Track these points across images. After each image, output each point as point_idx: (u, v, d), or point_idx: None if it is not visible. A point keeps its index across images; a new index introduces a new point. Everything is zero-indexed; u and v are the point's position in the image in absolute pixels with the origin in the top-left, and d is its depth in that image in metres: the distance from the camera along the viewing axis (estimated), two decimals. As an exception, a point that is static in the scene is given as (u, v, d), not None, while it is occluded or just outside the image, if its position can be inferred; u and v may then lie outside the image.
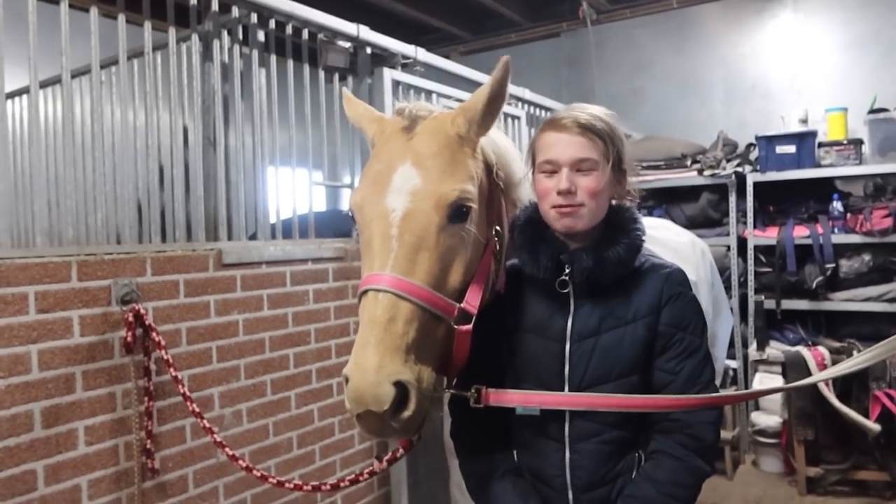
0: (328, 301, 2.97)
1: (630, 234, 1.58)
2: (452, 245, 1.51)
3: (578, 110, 1.59)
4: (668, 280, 1.57)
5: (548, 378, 1.57)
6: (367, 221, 1.53)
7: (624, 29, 6.51)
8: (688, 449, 1.50)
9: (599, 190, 1.53)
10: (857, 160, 4.88)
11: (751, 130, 5.44)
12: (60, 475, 2.05)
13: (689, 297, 1.59)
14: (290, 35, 3.00)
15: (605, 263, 1.53)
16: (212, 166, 2.77)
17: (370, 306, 1.41)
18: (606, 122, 1.58)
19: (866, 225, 4.57)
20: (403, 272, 1.43)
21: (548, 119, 1.63)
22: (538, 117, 4.63)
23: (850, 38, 5.54)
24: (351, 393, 1.34)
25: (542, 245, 1.59)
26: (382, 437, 1.45)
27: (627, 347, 1.53)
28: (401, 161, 1.54)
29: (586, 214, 1.54)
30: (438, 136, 1.57)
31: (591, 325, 1.55)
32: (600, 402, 1.50)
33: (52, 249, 2.14)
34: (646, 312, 1.55)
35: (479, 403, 1.53)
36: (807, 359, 4.42)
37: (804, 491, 4.42)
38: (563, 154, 1.54)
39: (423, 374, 1.40)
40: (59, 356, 2.05)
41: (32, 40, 2.15)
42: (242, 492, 2.59)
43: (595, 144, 1.54)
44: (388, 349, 1.35)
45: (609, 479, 1.54)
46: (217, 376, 2.51)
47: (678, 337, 1.54)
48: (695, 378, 1.53)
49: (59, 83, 2.36)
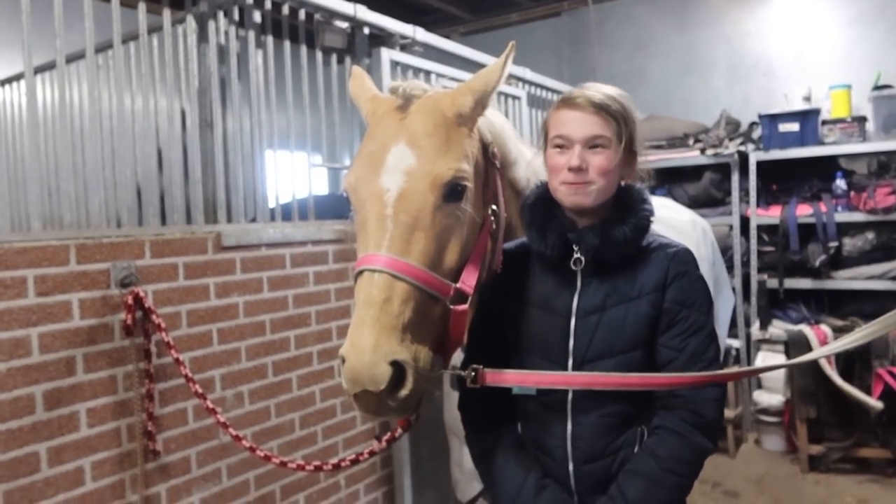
0: (328, 283, 2.98)
1: (637, 213, 1.58)
2: (448, 225, 1.51)
3: (594, 90, 1.58)
4: (674, 258, 1.57)
5: (552, 352, 1.58)
6: (362, 202, 1.53)
7: (625, 7, 6.45)
8: (690, 425, 1.50)
9: (610, 169, 1.54)
10: (860, 138, 4.84)
11: (754, 109, 5.41)
12: (63, 457, 2.07)
13: (694, 276, 1.59)
14: (286, 16, 2.97)
15: (612, 242, 1.54)
16: (209, 149, 2.76)
17: (366, 287, 1.41)
18: (621, 102, 1.58)
19: (870, 203, 4.55)
20: (399, 252, 1.43)
21: (562, 96, 1.63)
22: (539, 97, 4.60)
23: (853, 15, 5.48)
24: (347, 373, 1.35)
25: (550, 222, 1.59)
26: (380, 417, 1.47)
27: (631, 323, 1.54)
28: (395, 140, 1.53)
29: (595, 192, 1.54)
30: (433, 115, 1.57)
31: (597, 302, 1.56)
32: (599, 381, 1.50)
33: (50, 233, 2.14)
34: (650, 289, 1.55)
35: (475, 384, 1.53)
36: (809, 337, 4.42)
37: (806, 469, 4.44)
38: (576, 131, 1.54)
39: (420, 354, 1.41)
40: (60, 339, 2.06)
41: (26, 24, 2.13)
42: (245, 473, 2.60)
43: (608, 123, 1.54)
44: (384, 329, 1.36)
45: (609, 452, 1.55)
46: (218, 359, 2.52)
47: (683, 314, 1.54)
48: (699, 355, 1.53)
49: (55, 68, 2.35)
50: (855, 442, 4.38)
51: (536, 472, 1.61)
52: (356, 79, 1.80)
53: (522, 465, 1.62)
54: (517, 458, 1.63)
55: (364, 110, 1.70)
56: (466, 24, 7.29)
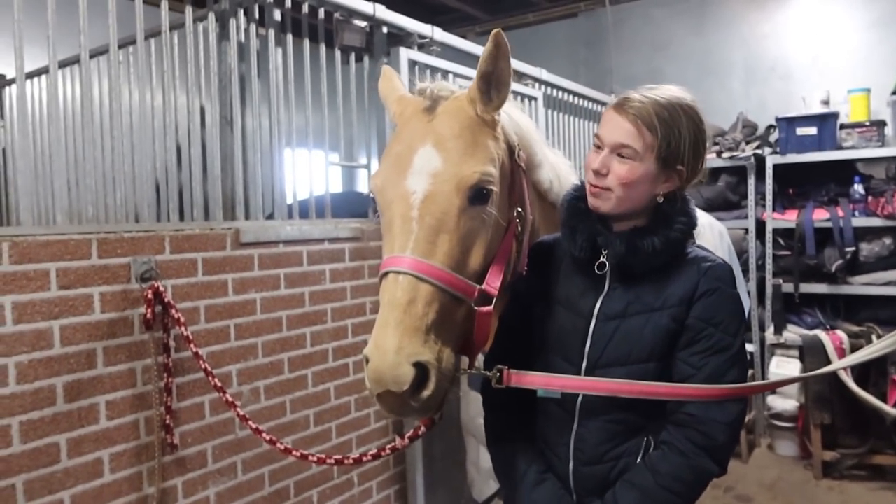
0: (345, 281, 2.99)
1: (672, 226, 1.53)
2: (473, 227, 1.51)
3: (644, 94, 1.53)
4: (706, 273, 1.52)
5: (570, 353, 1.58)
6: (388, 203, 1.53)
7: (642, 8, 6.43)
8: (697, 446, 1.47)
9: (630, 181, 1.50)
10: (879, 142, 4.81)
11: (771, 112, 5.38)
12: (83, 448, 2.10)
13: (726, 294, 1.53)
14: (306, 14, 2.99)
15: (638, 252, 1.51)
16: (229, 146, 2.78)
17: (390, 288, 1.42)
18: (674, 115, 1.51)
19: (888, 208, 4.52)
20: (423, 254, 1.43)
21: (622, 94, 1.57)
22: (555, 98, 4.59)
23: (872, 17, 5.44)
24: (371, 373, 1.36)
25: (581, 224, 1.58)
26: (402, 417, 1.48)
27: (649, 334, 1.52)
28: (422, 142, 1.54)
29: (613, 199, 1.52)
30: (459, 116, 1.57)
31: (618, 308, 1.55)
32: (622, 388, 1.48)
33: (72, 227, 2.16)
34: (675, 302, 1.51)
35: (500, 384, 1.54)
36: (825, 343, 4.39)
37: (820, 475, 4.41)
38: (607, 134, 1.53)
39: (443, 355, 1.41)
40: (81, 332, 2.09)
41: (51, 20, 2.16)
42: (261, 467, 2.63)
43: (641, 135, 1.49)
44: (408, 330, 1.36)
45: (610, 458, 1.54)
46: (235, 354, 2.54)
47: (707, 332, 1.50)
48: (717, 376, 1.48)
49: (78, 63, 2.37)
50: (869, 449, 4.35)
51: (539, 465, 1.63)
52: (385, 78, 1.80)
53: (528, 458, 1.64)
54: (525, 451, 1.65)
55: (391, 110, 1.71)
56: (483, 24, 7.29)
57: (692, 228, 1.57)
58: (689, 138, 1.52)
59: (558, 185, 1.93)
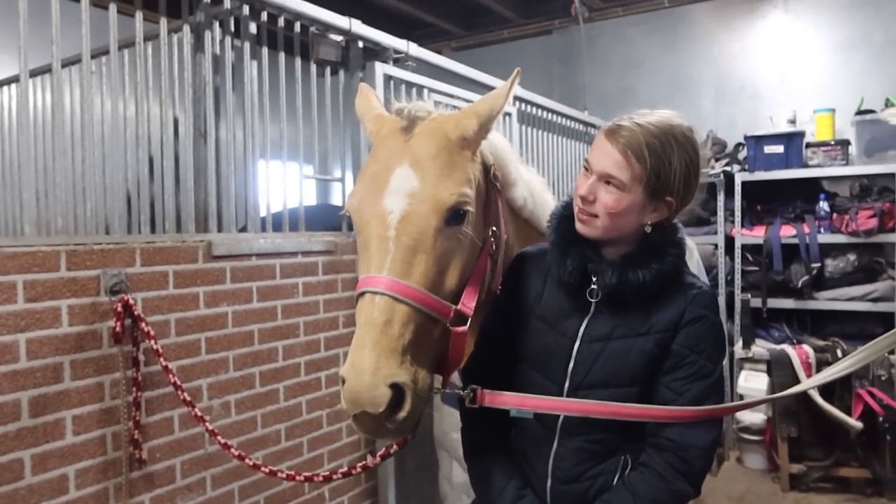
0: (317, 294, 2.98)
1: (664, 258, 1.53)
2: (449, 247, 1.51)
3: (636, 122, 1.52)
4: (693, 301, 1.53)
5: (553, 372, 1.58)
6: (364, 222, 1.53)
7: (616, 27, 6.53)
8: (675, 470, 1.49)
9: (616, 211, 1.50)
10: (843, 161, 4.94)
11: (740, 130, 5.50)
12: (48, 464, 2.05)
13: (710, 322, 1.54)
14: (281, 28, 2.99)
15: (627, 285, 1.51)
16: (202, 158, 2.76)
17: (367, 308, 1.41)
18: (664, 144, 1.49)
19: (852, 225, 4.63)
20: (400, 275, 1.43)
21: (615, 119, 1.57)
22: (529, 114, 4.64)
23: (838, 40, 5.59)
24: (347, 394, 1.35)
25: (572, 248, 1.57)
26: (378, 437, 1.47)
27: (633, 358, 1.52)
28: (398, 162, 1.54)
29: (600, 227, 1.52)
30: (437, 137, 1.57)
31: (604, 330, 1.55)
32: (596, 410, 1.49)
33: (41, 239, 2.14)
34: (661, 328, 1.52)
35: (474, 404, 1.54)
36: (791, 357, 4.48)
37: (787, 487, 4.48)
38: (596, 162, 1.53)
39: (419, 376, 1.41)
40: (48, 345, 2.05)
41: (23, 29, 2.13)
42: (230, 483, 2.59)
43: (629, 166, 1.48)
44: (385, 351, 1.36)
45: (587, 477, 1.55)
46: (206, 367, 2.51)
47: (690, 359, 1.51)
48: (697, 402, 1.50)
49: (49, 72, 2.35)
50: (835, 461, 4.43)
51: (518, 481, 1.63)
52: (363, 96, 1.80)
53: (506, 473, 1.64)
54: (503, 465, 1.66)
55: (368, 128, 1.71)
56: (459, 40, 7.35)
57: (682, 258, 1.57)
58: (680, 169, 1.51)
59: (532, 203, 1.95)
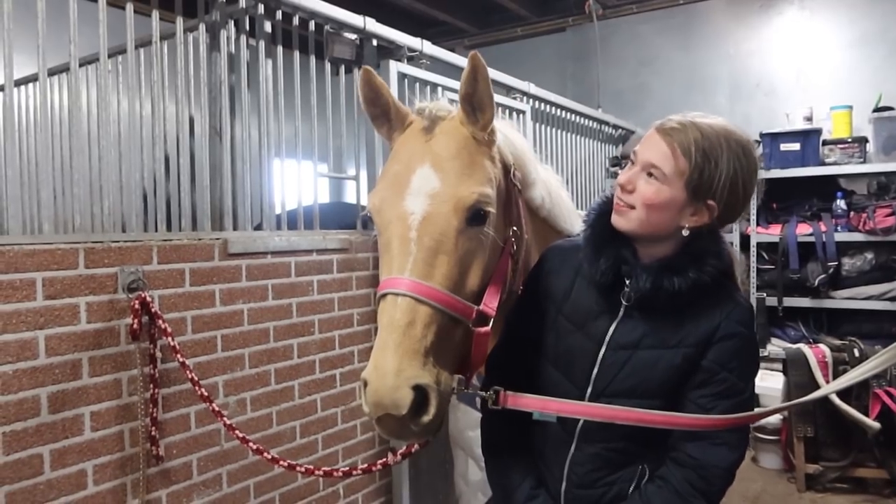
0: (332, 292, 2.99)
1: (703, 268, 1.45)
2: (470, 248, 1.50)
3: (689, 119, 1.48)
4: (729, 316, 1.47)
5: (576, 375, 1.56)
6: (386, 223, 1.52)
7: (629, 24, 6.51)
8: (694, 488, 1.45)
9: (654, 203, 1.45)
10: (861, 158, 4.89)
11: (755, 128, 5.45)
12: (66, 460, 2.08)
13: (745, 339, 1.48)
14: (296, 26, 3.00)
15: (661, 292, 1.45)
16: (217, 157, 2.78)
17: (389, 310, 1.41)
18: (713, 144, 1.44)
19: (869, 223, 4.59)
20: (422, 276, 1.42)
21: (669, 116, 1.52)
22: (543, 112, 4.63)
23: (855, 36, 5.54)
24: (370, 397, 1.34)
25: (606, 248, 1.52)
26: (402, 440, 1.46)
27: (660, 371, 1.47)
28: (420, 163, 1.53)
29: (634, 220, 1.47)
30: (457, 137, 1.57)
31: (632, 338, 1.51)
32: (619, 415, 1.46)
33: (59, 236, 2.15)
34: (692, 342, 1.47)
35: (496, 405, 1.53)
36: (808, 356, 4.43)
37: (803, 487, 4.43)
38: (642, 152, 1.49)
39: (442, 377, 1.40)
40: (66, 342, 2.07)
41: (41, 28, 2.15)
42: (246, 479, 2.61)
43: (675, 158, 1.44)
44: (407, 353, 1.35)
45: (603, 483, 1.53)
46: (222, 365, 2.53)
47: (721, 376, 1.46)
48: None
49: (67, 71, 2.37)
50: (852, 461, 4.38)
51: (533, 479, 1.63)
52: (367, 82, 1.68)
53: (522, 471, 1.64)
54: (520, 462, 1.65)
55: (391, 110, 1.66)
56: (472, 38, 7.34)
57: (723, 270, 1.49)
58: (727, 173, 1.44)
59: (549, 202, 1.95)
